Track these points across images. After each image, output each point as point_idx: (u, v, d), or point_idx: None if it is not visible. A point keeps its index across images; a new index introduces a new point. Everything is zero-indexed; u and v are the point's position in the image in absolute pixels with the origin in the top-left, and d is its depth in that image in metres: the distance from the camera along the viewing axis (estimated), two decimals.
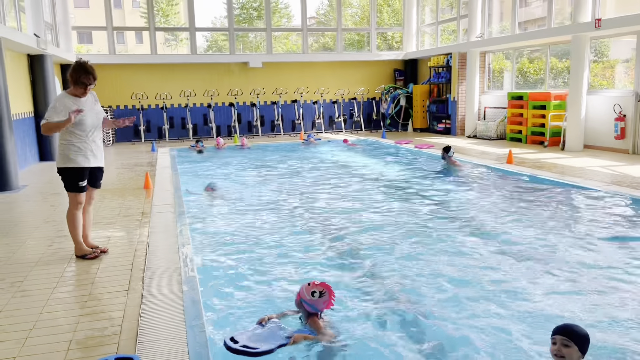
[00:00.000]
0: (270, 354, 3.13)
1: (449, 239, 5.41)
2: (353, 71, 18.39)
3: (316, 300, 3.44)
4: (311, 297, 3.45)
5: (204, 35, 27.79)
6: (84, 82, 4.68)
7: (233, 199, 7.77)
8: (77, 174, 4.78)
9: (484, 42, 14.35)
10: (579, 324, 2.80)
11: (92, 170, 4.90)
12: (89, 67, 4.72)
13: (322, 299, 3.44)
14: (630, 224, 5.75)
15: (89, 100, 4.84)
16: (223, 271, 4.65)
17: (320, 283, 3.51)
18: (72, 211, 4.87)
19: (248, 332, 3.33)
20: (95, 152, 4.87)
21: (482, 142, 13.79)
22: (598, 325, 3.47)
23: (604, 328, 3.44)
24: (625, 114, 10.65)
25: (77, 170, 4.78)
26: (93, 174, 4.94)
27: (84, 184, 4.84)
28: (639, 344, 3.25)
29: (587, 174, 8.51)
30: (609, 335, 3.33)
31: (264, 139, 16.11)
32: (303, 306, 3.49)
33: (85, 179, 4.85)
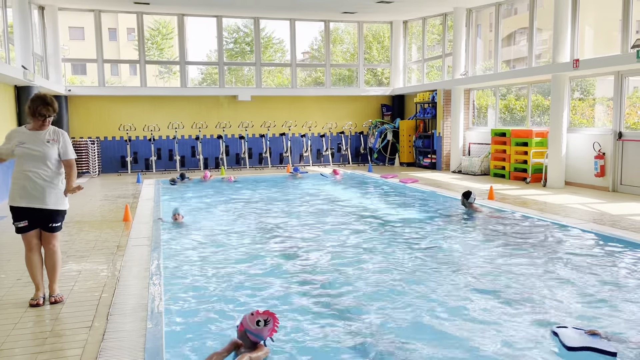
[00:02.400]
0: None
1: (430, 276, 5.40)
2: (341, 105, 18.64)
3: (261, 329, 3.48)
4: (256, 326, 3.47)
5: (199, 69, 28.23)
6: (43, 113, 4.42)
7: (207, 230, 7.74)
8: (12, 213, 4.49)
9: (468, 80, 14.64)
10: None
11: (36, 211, 4.47)
12: (49, 99, 4.48)
13: (267, 327, 3.48)
14: (608, 262, 5.76)
15: (40, 136, 4.48)
16: (192, 307, 4.59)
17: (264, 311, 3.54)
18: (25, 252, 4.59)
19: None
20: (31, 190, 4.42)
21: (467, 177, 13.91)
22: None
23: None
24: (605, 152, 10.82)
25: (11, 208, 4.49)
26: (40, 215, 4.50)
27: (20, 225, 4.48)
28: None
29: (567, 211, 8.57)
30: None
31: (252, 172, 16.15)
32: (247, 336, 3.49)
33: (23, 219, 4.47)
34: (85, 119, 16.27)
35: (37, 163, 4.46)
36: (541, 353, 3.62)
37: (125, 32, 37.87)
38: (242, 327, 3.53)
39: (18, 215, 4.50)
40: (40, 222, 4.55)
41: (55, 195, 4.55)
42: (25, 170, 4.44)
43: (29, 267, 4.62)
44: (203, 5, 15.62)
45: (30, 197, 4.45)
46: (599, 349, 3.50)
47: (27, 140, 4.46)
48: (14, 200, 4.47)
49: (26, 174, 4.44)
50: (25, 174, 4.44)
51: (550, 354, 3.61)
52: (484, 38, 16.90)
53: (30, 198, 4.45)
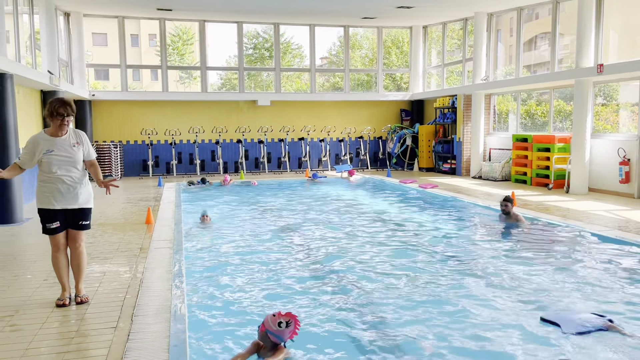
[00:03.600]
0: None
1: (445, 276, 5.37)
2: (360, 110, 18.64)
3: (282, 330, 3.50)
4: (277, 327, 3.50)
5: (219, 74, 28.52)
6: (61, 112, 4.49)
7: (231, 233, 7.82)
8: (44, 215, 4.61)
9: (488, 85, 14.53)
10: None
11: (68, 212, 4.64)
12: (67, 99, 4.58)
13: (289, 328, 3.50)
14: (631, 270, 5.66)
15: (65, 141, 4.61)
16: (215, 307, 4.63)
17: (286, 313, 3.57)
18: (52, 253, 4.70)
19: None
20: (65, 193, 4.57)
21: (487, 183, 13.78)
22: None
23: None
24: (630, 158, 10.63)
25: (43, 211, 4.61)
26: (71, 215, 4.65)
27: (52, 226, 4.60)
28: None
29: (591, 218, 8.44)
30: None
31: (271, 176, 16.23)
32: (268, 337, 3.52)
33: (55, 221, 4.59)
34: (108, 123, 16.55)
35: (68, 167, 4.60)
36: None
37: (146, 37, 38.43)
38: (263, 328, 3.57)
39: (50, 217, 4.59)
40: (72, 221, 4.68)
41: (86, 193, 4.72)
42: (57, 175, 4.55)
43: (56, 267, 4.70)
44: (224, 12, 15.79)
45: (65, 199, 4.59)
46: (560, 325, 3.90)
47: (53, 147, 4.56)
48: (47, 203, 4.57)
49: (59, 178, 4.56)
50: (58, 178, 4.56)
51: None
52: (505, 43, 16.77)
53: (65, 200, 4.59)
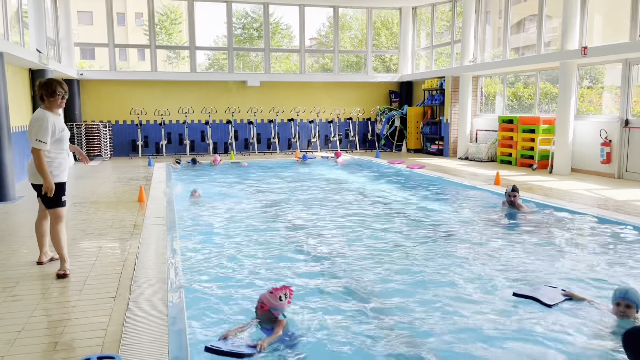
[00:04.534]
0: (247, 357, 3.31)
1: (432, 253, 5.60)
2: (349, 92, 18.74)
3: (283, 302, 3.71)
4: (279, 301, 3.69)
5: (206, 54, 28.29)
6: (61, 91, 4.78)
7: (222, 209, 8.01)
8: (61, 189, 4.84)
9: (476, 67, 14.70)
10: None
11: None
12: (60, 80, 4.89)
13: (286, 299, 3.73)
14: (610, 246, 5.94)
15: (62, 118, 5.06)
16: (209, 282, 4.81)
17: (281, 287, 3.77)
18: (57, 227, 4.84)
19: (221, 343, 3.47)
20: (68, 167, 5.04)
21: (473, 164, 14.04)
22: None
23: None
24: (611, 139, 10.92)
25: (61, 185, 4.84)
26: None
27: (65, 198, 4.91)
28: None
29: (572, 197, 8.72)
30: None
31: (260, 157, 16.35)
32: (272, 313, 3.68)
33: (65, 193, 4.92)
34: (97, 103, 16.49)
35: (68, 142, 5.03)
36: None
37: (133, 16, 37.93)
38: (265, 307, 3.70)
39: (65, 190, 4.94)
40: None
41: None
42: (66, 150, 4.98)
43: (62, 239, 4.89)
44: None
45: (68, 171, 5.09)
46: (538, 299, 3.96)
47: (63, 125, 4.94)
48: (63, 177, 4.91)
49: (67, 152, 4.99)
50: (67, 152, 4.99)
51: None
52: (493, 25, 16.88)
53: (67, 172, 5.08)
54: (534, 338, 3.60)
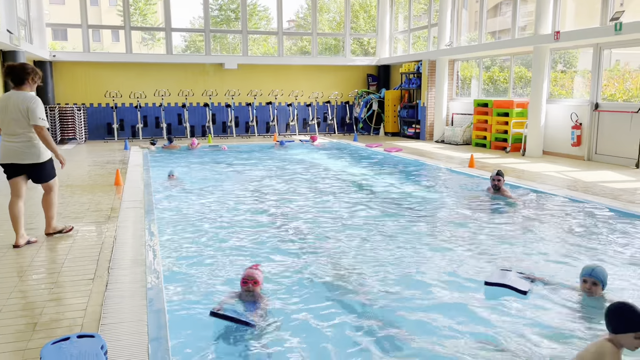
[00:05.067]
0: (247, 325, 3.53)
1: (410, 236, 5.75)
2: (327, 75, 18.74)
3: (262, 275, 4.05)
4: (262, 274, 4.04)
5: (183, 36, 27.88)
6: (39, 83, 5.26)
7: (199, 192, 8.08)
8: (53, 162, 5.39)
9: (452, 51, 14.84)
10: None
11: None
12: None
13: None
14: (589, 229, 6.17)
15: None
16: (188, 263, 4.88)
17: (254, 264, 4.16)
18: (54, 195, 5.42)
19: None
20: None
21: (449, 147, 14.26)
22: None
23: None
24: (582, 122, 11.20)
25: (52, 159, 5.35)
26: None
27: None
28: None
29: (543, 179, 8.97)
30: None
31: (238, 140, 16.31)
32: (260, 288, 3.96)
33: None
34: (71, 85, 16.19)
35: None
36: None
37: None
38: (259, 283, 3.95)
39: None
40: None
41: None
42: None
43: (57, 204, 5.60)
44: None
45: None
46: (512, 287, 3.92)
47: None
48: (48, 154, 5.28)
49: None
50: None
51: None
52: (470, 9, 17.00)
53: None
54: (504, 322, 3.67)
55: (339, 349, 3.35)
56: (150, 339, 3.21)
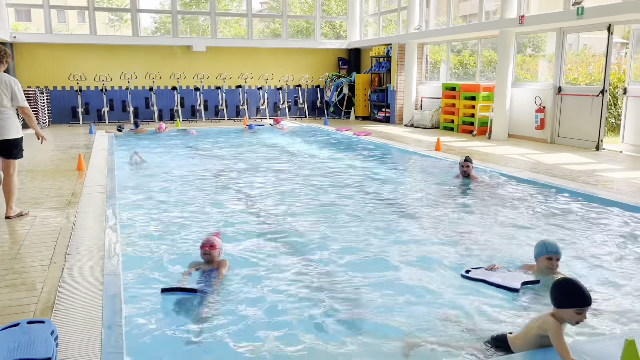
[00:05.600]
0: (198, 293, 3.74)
1: (375, 218, 5.81)
2: (298, 58, 18.61)
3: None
4: (221, 241, 4.24)
5: (152, 17, 27.23)
6: (7, 61, 5.41)
7: (165, 177, 8.03)
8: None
9: (421, 34, 14.90)
10: None
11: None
12: None
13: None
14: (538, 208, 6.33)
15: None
16: (148, 248, 4.84)
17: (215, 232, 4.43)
18: (15, 175, 5.60)
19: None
20: None
21: (418, 130, 14.39)
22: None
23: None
24: (545, 105, 11.43)
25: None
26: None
27: None
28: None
29: (506, 161, 9.16)
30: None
31: (208, 124, 16.14)
32: (219, 253, 4.20)
33: None
34: (33, 67, 15.71)
35: None
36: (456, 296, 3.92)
37: None
38: (216, 246, 4.18)
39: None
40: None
41: None
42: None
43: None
44: None
45: None
46: (500, 284, 3.81)
47: None
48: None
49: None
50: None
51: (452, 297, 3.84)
52: None
53: None
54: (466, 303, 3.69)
55: (295, 316, 3.45)
56: (105, 324, 3.20)
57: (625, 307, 3.60)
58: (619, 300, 3.72)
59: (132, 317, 3.42)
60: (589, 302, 2.64)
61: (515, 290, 3.74)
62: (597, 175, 7.86)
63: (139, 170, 8.49)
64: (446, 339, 3.17)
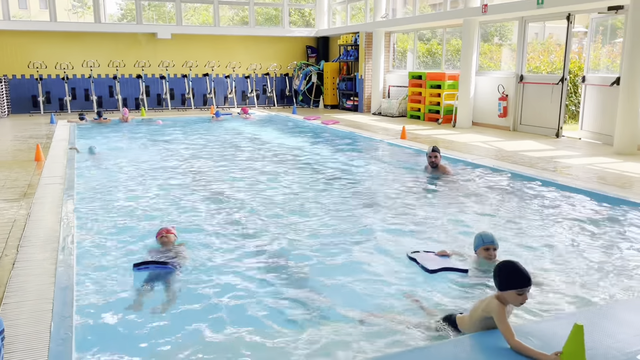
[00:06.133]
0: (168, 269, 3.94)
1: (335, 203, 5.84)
2: (266, 46, 18.45)
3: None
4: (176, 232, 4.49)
5: (118, 4, 26.52)
6: None
7: (125, 167, 7.92)
8: None
9: (388, 23, 14.94)
10: None
11: None
12: None
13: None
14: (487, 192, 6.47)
15: None
16: (104, 239, 4.77)
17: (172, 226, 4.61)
18: None
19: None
20: None
21: (385, 119, 14.48)
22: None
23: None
24: (508, 94, 11.64)
25: None
26: None
27: None
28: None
29: (470, 149, 9.31)
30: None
31: (174, 113, 15.90)
32: (175, 237, 4.42)
33: None
34: None
35: None
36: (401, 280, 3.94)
37: None
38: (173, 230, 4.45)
39: None
40: None
41: None
42: None
43: None
44: None
45: None
46: (454, 268, 3.93)
47: None
48: None
49: None
50: None
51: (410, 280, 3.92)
52: None
53: None
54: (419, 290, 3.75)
55: (254, 299, 3.47)
56: (55, 316, 3.14)
57: (573, 289, 3.72)
58: (567, 282, 3.84)
59: (84, 308, 3.38)
60: (529, 283, 2.71)
61: (429, 272, 3.87)
62: (556, 162, 8.06)
63: (99, 162, 8.32)
64: (402, 318, 3.24)
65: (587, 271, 4.02)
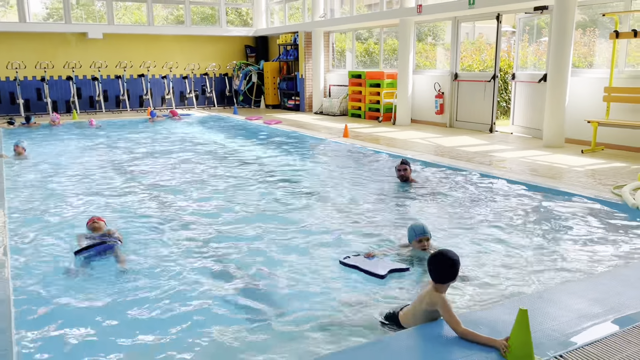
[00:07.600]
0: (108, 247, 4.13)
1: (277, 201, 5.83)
2: (204, 46, 18.13)
3: None
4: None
5: (43, 2, 25.14)
6: None
7: (54, 170, 7.69)
8: None
9: (326, 22, 15.07)
10: None
11: None
12: None
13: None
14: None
15: None
16: (39, 245, 4.53)
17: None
18: None
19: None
20: None
21: (327, 118, 14.60)
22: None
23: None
24: (444, 91, 12.04)
25: None
26: None
27: None
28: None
29: (409, 145, 9.55)
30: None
31: (108, 115, 15.31)
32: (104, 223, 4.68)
33: None
34: None
35: None
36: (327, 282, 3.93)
37: None
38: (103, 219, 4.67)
39: None
40: None
41: None
42: None
43: None
44: None
45: None
46: (398, 268, 3.91)
47: None
48: None
49: None
50: None
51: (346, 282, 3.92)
52: None
53: None
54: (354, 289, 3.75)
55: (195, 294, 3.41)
56: None
57: (512, 275, 3.90)
58: (506, 268, 4.02)
59: (23, 321, 3.20)
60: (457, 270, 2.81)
61: (381, 277, 3.79)
62: (491, 156, 8.43)
63: (30, 167, 7.90)
64: (342, 320, 3.26)
65: (525, 257, 4.23)
